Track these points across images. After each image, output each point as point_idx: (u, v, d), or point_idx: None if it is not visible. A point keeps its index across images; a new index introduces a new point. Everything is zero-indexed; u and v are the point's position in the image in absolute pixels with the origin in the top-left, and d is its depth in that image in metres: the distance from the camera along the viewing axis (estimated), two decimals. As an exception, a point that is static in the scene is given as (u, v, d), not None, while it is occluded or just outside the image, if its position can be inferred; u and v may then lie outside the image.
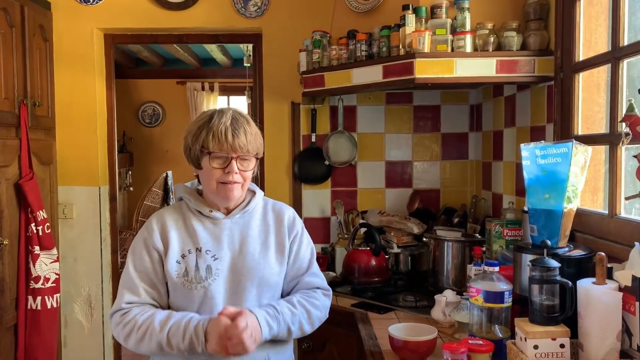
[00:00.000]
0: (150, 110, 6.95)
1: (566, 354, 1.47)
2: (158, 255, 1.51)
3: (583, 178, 1.68)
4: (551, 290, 1.52)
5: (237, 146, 1.47)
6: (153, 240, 1.52)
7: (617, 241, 1.64)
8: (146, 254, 1.51)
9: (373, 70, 2.28)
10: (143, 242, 1.53)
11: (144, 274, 1.51)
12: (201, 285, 1.48)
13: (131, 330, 1.44)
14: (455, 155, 3.06)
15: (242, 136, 1.48)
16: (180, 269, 1.49)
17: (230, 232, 1.55)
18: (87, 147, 3.03)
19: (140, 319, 1.45)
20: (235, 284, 1.52)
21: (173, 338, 1.40)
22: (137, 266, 1.51)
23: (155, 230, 1.53)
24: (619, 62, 1.68)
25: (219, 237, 1.54)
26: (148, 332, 1.42)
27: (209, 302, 1.49)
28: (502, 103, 2.61)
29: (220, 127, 1.47)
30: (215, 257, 1.52)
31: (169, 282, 1.51)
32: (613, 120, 1.71)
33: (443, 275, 2.38)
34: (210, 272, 1.50)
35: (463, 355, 1.46)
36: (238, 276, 1.52)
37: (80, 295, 3.06)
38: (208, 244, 1.52)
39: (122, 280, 1.53)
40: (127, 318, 1.46)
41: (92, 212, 3.05)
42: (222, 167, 1.49)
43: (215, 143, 1.47)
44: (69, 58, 2.98)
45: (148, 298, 1.50)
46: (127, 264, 1.53)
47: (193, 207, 1.56)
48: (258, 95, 3.08)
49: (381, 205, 3.04)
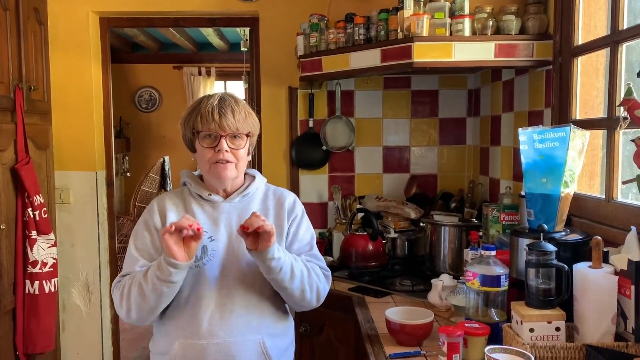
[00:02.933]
0: (147, 95, 6.91)
1: (561, 337, 1.48)
2: (157, 234, 1.55)
3: (580, 162, 1.68)
4: (547, 274, 1.53)
5: (224, 124, 1.49)
6: (153, 220, 1.57)
7: (614, 225, 1.65)
8: (147, 233, 1.56)
9: (371, 54, 2.27)
10: (144, 223, 1.59)
11: (144, 252, 1.55)
12: (195, 265, 1.50)
13: (121, 292, 1.50)
14: (453, 140, 3.05)
15: (229, 114, 1.50)
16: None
17: (228, 215, 1.57)
18: (83, 132, 3.01)
19: (127, 281, 1.50)
20: (230, 265, 1.53)
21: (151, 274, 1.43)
22: (138, 244, 1.56)
23: (155, 212, 1.58)
24: (618, 46, 1.67)
25: (216, 220, 1.56)
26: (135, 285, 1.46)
27: (203, 281, 1.51)
28: (500, 88, 2.60)
29: (207, 107, 1.51)
30: (211, 238, 1.54)
31: None
32: (611, 104, 1.71)
33: (440, 260, 2.39)
34: (205, 252, 1.51)
35: (459, 339, 1.47)
36: (233, 258, 1.53)
37: (78, 280, 3.06)
38: (205, 226, 1.53)
39: (125, 259, 1.58)
40: (119, 286, 1.53)
41: (89, 197, 3.04)
42: (212, 146, 1.51)
43: (204, 123, 1.50)
44: (64, 42, 2.95)
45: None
46: (129, 244, 1.58)
47: (194, 190, 1.60)
48: (255, 80, 3.05)
49: (379, 191, 3.04)
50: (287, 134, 3.02)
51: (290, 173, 3.03)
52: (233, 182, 1.60)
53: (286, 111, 3.01)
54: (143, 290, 1.45)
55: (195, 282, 1.51)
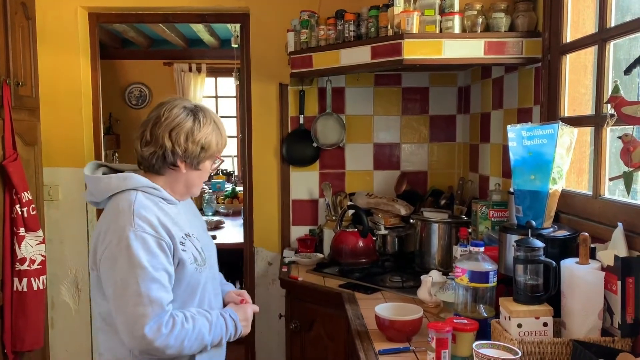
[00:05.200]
0: (137, 91, 6.86)
1: (549, 333, 1.50)
2: (168, 248, 1.44)
3: (568, 159, 1.70)
4: (535, 270, 1.55)
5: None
6: (160, 234, 1.43)
7: (601, 222, 1.66)
8: (159, 250, 1.41)
9: (361, 51, 2.27)
10: (152, 239, 1.41)
11: (163, 272, 1.41)
12: (205, 267, 1.54)
13: (182, 340, 1.41)
14: (443, 137, 3.06)
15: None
16: (188, 256, 1.48)
17: (187, 216, 1.61)
18: (72, 128, 2.99)
19: (188, 328, 1.43)
20: (209, 259, 1.60)
21: (217, 338, 1.50)
22: (155, 265, 1.40)
23: (156, 224, 1.43)
24: (606, 43, 1.69)
25: (188, 221, 1.59)
26: (198, 339, 1.45)
27: (208, 281, 1.57)
28: (490, 85, 2.61)
29: (224, 132, 1.59)
30: (197, 239, 1.57)
31: (182, 272, 1.47)
32: (599, 102, 1.72)
33: (429, 256, 2.40)
34: (204, 253, 1.56)
35: (448, 334, 1.48)
36: (209, 253, 1.61)
37: (66, 277, 3.05)
38: (187, 227, 1.55)
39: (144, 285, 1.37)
40: (175, 329, 1.40)
41: (77, 193, 3.02)
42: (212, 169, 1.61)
43: (223, 147, 1.60)
44: (53, 37, 2.93)
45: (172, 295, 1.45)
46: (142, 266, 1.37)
47: (162, 195, 1.52)
48: (245, 77, 3.04)
49: (369, 188, 3.05)
50: (277, 130, 3.01)
51: (280, 170, 3.03)
52: None
53: (277, 108, 3.00)
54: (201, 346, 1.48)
55: (205, 284, 1.56)
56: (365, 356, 1.60)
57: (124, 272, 1.38)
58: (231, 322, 1.55)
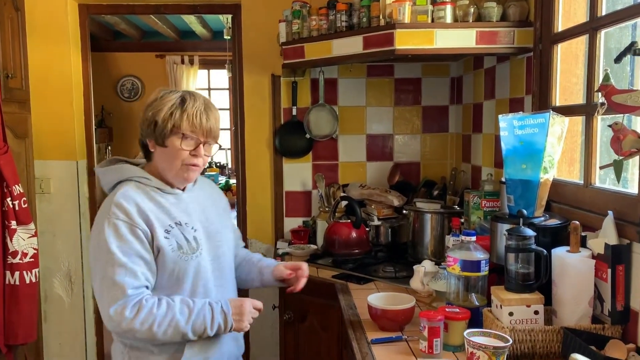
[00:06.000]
0: (129, 84, 6.83)
1: (540, 321, 1.51)
2: (144, 235, 1.46)
3: (560, 148, 1.70)
4: (526, 258, 1.56)
5: (208, 131, 1.53)
6: (135, 222, 1.45)
7: (592, 210, 1.67)
8: (131, 236, 1.44)
9: (353, 41, 2.26)
10: (124, 225, 1.44)
11: (136, 257, 1.44)
12: (194, 256, 1.53)
13: (150, 326, 1.41)
14: (436, 128, 3.06)
15: (212, 121, 1.54)
16: (171, 243, 1.49)
17: (193, 205, 1.60)
18: (63, 121, 2.97)
19: (158, 313, 1.42)
20: (215, 249, 1.60)
21: (198, 328, 1.46)
22: (125, 251, 1.43)
23: (131, 211, 1.46)
24: (597, 32, 1.69)
25: (186, 210, 1.57)
26: (171, 326, 1.43)
27: (202, 270, 1.55)
28: (482, 75, 2.61)
29: (194, 110, 1.51)
30: (193, 228, 1.56)
31: (162, 259, 1.48)
32: (590, 91, 1.73)
33: (422, 247, 2.41)
34: (197, 242, 1.55)
35: (440, 323, 1.49)
36: (215, 243, 1.61)
37: (59, 270, 3.04)
38: (183, 217, 1.55)
39: (109, 270, 1.42)
40: (141, 314, 1.41)
41: (70, 186, 3.01)
42: (189, 149, 1.52)
43: (190, 125, 1.50)
44: (43, 29, 2.90)
45: (145, 281, 1.46)
46: (109, 252, 1.42)
47: (154, 185, 1.55)
48: (237, 68, 3.03)
49: (362, 179, 3.05)
50: (270, 122, 3.01)
51: (273, 161, 3.02)
52: None
53: (269, 99, 2.99)
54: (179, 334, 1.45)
55: (197, 272, 1.54)
56: (358, 345, 1.60)
57: (97, 257, 1.46)
58: (220, 314, 1.48)
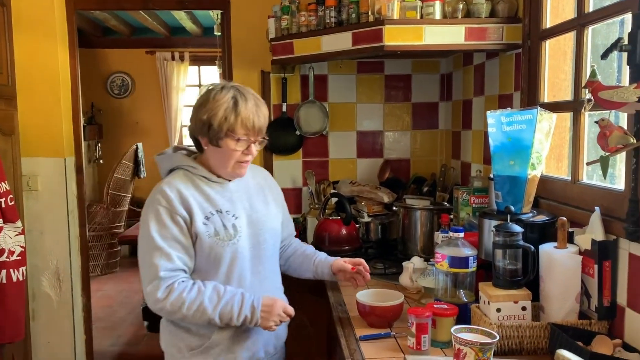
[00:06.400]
0: (119, 80, 6.78)
1: (527, 317, 1.51)
2: (183, 221, 1.56)
3: (547, 144, 1.70)
4: (514, 254, 1.56)
5: (258, 130, 1.60)
6: (175, 208, 1.56)
7: (579, 206, 1.68)
8: (170, 222, 1.55)
9: (342, 38, 2.25)
10: (164, 210, 1.55)
11: (173, 242, 1.55)
12: (232, 242, 1.59)
13: (179, 308, 1.51)
14: (426, 125, 3.06)
15: (262, 120, 1.60)
16: (208, 229, 1.57)
17: (238, 195, 1.68)
18: (50, 118, 2.94)
19: (187, 298, 1.52)
20: (255, 238, 1.66)
21: (225, 316, 1.54)
22: (164, 235, 1.54)
23: (172, 198, 1.56)
24: (584, 28, 1.69)
25: (231, 199, 1.65)
26: (199, 310, 1.52)
27: (239, 256, 1.61)
28: (471, 72, 2.61)
29: (248, 114, 1.56)
30: (235, 216, 1.63)
31: (199, 244, 1.57)
32: (577, 87, 1.73)
33: (412, 243, 2.41)
34: (236, 229, 1.61)
35: (428, 319, 1.49)
36: (256, 230, 1.67)
37: (47, 268, 3.01)
38: (225, 205, 1.63)
39: (148, 252, 1.54)
40: (172, 296, 1.51)
41: (57, 184, 2.98)
42: (243, 150, 1.60)
43: (244, 129, 1.56)
44: (29, 24, 2.87)
45: (181, 264, 1.55)
46: (149, 235, 1.54)
47: (200, 174, 1.64)
48: (227, 64, 3.01)
49: (353, 175, 3.05)
50: (260, 118, 2.98)
51: (263, 158, 3.01)
52: None
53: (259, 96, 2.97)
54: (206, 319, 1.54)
55: (233, 259, 1.60)
56: (346, 342, 1.60)
57: (141, 240, 1.58)
58: (249, 308, 1.55)
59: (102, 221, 5.68)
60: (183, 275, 1.56)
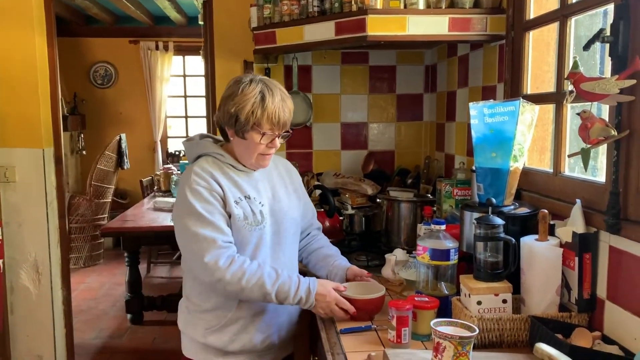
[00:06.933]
0: (102, 70, 6.68)
1: (508, 309, 1.51)
2: (221, 199, 1.62)
3: (530, 136, 1.69)
4: (495, 247, 1.55)
5: (283, 125, 1.63)
6: (212, 187, 1.62)
7: (561, 199, 1.67)
8: (212, 199, 1.61)
9: (325, 27, 2.22)
10: (204, 190, 1.61)
11: (219, 216, 1.61)
12: (258, 228, 1.65)
13: (239, 279, 1.56)
14: (410, 116, 3.05)
15: (287, 114, 1.64)
16: (239, 212, 1.63)
17: (262, 183, 1.73)
18: (28, 107, 2.87)
19: (248, 270, 1.57)
20: (277, 226, 1.72)
21: (281, 294, 1.59)
22: (211, 211, 1.60)
23: (208, 178, 1.63)
24: (567, 19, 1.68)
25: (256, 187, 1.71)
26: (257, 284, 1.57)
27: (262, 242, 1.67)
28: (455, 63, 2.60)
29: (275, 109, 1.60)
30: (261, 203, 1.69)
31: (232, 224, 1.63)
32: (560, 78, 1.72)
33: (395, 235, 2.39)
34: (262, 216, 1.67)
35: (408, 312, 1.48)
36: (278, 219, 1.72)
37: (26, 261, 2.96)
38: (252, 192, 1.69)
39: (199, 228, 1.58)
40: (233, 266, 1.57)
41: (36, 175, 2.92)
42: (267, 143, 1.64)
43: (269, 124, 1.61)
44: (4, 11, 2.79)
45: (230, 236, 1.62)
46: (197, 213, 1.58)
47: (227, 162, 1.69)
48: (209, 54, 2.97)
49: (337, 167, 3.03)
50: (243, 109, 2.95)
51: (246, 150, 2.97)
52: None
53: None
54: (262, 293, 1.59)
55: (258, 244, 1.66)
56: (327, 335, 1.58)
57: (185, 219, 1.60)
58: (305, 290, 1.61)
59: (85, 213, 5.60)
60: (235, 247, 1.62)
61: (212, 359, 1.73)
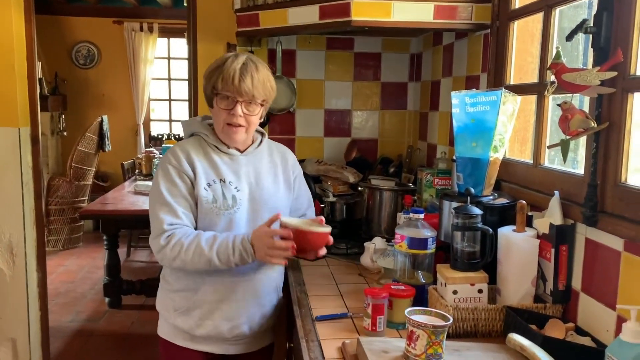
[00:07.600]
0: (85, 50, 6.56)
1: (484, 299, 1.51)
2: (189, 181, 1.63)
3: (511, 127, 1.69)
4: (473, 237, 1.54)
5: (242, 90, 1.59)
6: (183, 167, 1.63)
7: (540, 190, 1.67)
8: (179, 180, 1.63)
9: (309, 11, 2.18)
10: (173, 169, 1.63)
11: (180, 198, 1.62)
12: (228, 213, 1.64)
13: (179, 252, 1.57)
14: (394, 105, 3.03)
15: (247, 81, 1.59)
16: (208, 195, 1.63)
17: (246, 168, 1.71)
18: (3, 85, 2.79)
19: (186, 241, 1.57)
20: (254, 213, 1.69)
21: (222, 255, 1.57)
22: (172, 192, 1.62)
23: (182, 159, 1.64)
24: (552, 10, 1.66)
25: (237, 171, 1.69)
26: (196, 252, 1.56)
27: (235, 228, 1.65)
28: (440, 52, 2.58)
29: (229, 70, 1.59)
30: (237, 188, 1.67)
31: (199, 207, 1.64)
32: (543, 70, 1.71)
33: (376, 224, 2.39)
34: (235, 201, 1.65)
35: (384, 300, 1.47)
36: (256, 206, 1.70)
37: (0, 242, 2.90)
38: (230, 176, 1.67)
39: (156, 207, 1.62)
40: (172, 241, 1.58)
41: (11, 155, 2.84)
42: (227, 109, 1.62)
43: (223, 84, 1.60)
44: (-20, -15, 2.71)
45: (187, 221, 1.62)
46: (159, 192, 1.62)
47: (211, 142, 1.69)
48: (192, 36, 2.91)
49: (319, 154, 3.00)
50: (225, 93, 2.90)
51: (228, 134, 2.94)
52: (244, 141, 1.72)
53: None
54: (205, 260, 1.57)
55: (228, 229, 1.64)
56: (302, 322, 1.57)
57: (151, 195, 1.67)
58: (240, 241, 1.57)
59: (64, 195, 5.52)
60: (186, 228, 1.62)
61: (181, 341, 1.74)
